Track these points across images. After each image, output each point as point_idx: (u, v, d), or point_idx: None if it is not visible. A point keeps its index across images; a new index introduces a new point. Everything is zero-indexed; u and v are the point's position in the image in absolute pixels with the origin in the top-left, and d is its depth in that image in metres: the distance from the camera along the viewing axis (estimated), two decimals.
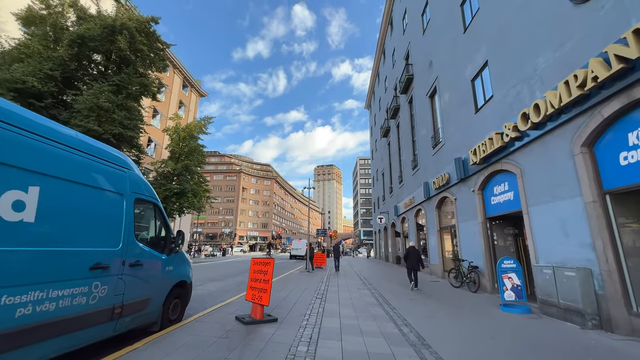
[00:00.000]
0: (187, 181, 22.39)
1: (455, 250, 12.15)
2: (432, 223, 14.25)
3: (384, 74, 28.37)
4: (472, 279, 9.52)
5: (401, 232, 21.23)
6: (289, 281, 10.89)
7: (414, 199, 17.12)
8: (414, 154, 18.16)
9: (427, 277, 13.86)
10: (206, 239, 71.45)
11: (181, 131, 23.88)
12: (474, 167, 9.78)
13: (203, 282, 10.19)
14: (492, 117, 8.92)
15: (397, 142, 22.77)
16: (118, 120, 13.03)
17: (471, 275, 9.60)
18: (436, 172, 13.59)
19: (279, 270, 15.80)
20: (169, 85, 31.72)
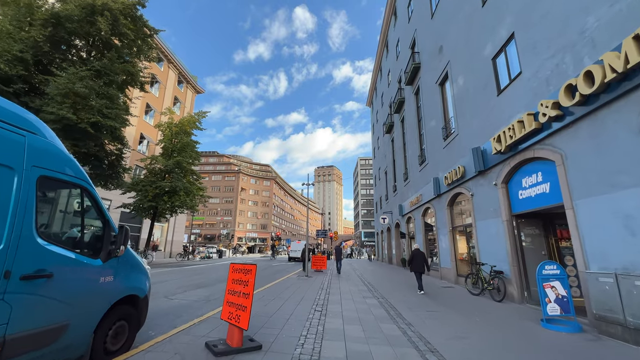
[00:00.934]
0: (179, 179, 21.14)
1: (471, 252, 10.85)
2: (443, 222, 12.96)
3: (387, 67, 27.15)
4: (496, 285, 8.22)
5: (407, 232, 19.93)
6: (284, 288, 9.58)
7: (422, 196, 15.83)
8: (420, 148, 16.88)
9: (438, 281, 12.55)
10: (205, 241, 70.16)
11: (173, 126, 22.65)
12: (497, 157, 8.50)
13: (186, 289, 8.90)
14: (520, 97, 7.65)
15: (401, 138, 21.50)
16: (96, 108, 11.75)
17: (494, 281, 8.30)
18: (448, 166, 12.31)
19: (275, 274, 14.50)
20: (163, 80, 30.55)
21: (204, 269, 16.83)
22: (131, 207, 20.38)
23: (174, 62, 32.03)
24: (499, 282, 8.15)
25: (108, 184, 14.87)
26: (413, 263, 9.69)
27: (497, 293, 8.16)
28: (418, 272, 9.61)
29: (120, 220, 23.82)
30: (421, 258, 9.67)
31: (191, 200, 21.52)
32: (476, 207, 10.03)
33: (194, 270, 15.87)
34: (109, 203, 22.84)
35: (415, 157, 17.47)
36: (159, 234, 30.40)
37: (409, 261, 9.94)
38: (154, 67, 29.21)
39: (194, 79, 36.70)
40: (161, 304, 6.68)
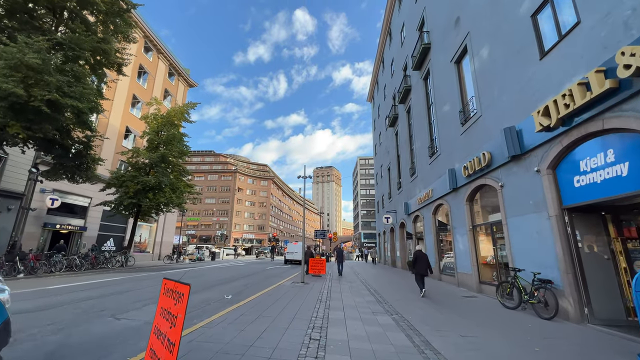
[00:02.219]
0: (165, 174, 19.31)
1: (499, 255, 9.07)
2: (461, 220, 11.19)
3: (390, 57, 25.43)
4: (541, 298, 6.44)
5: (413, 232, 18.15)
6: (273, 300, 7.77)
7: (433, 192, 14.07)
8: (431, 138, 15.13)
9: (455, 289, 10.76)
10: (200, 242, 68.16)
11: (159, 117, 20.83)
12: (540, 137, 6.75)
13: (146, 303, 7.06)
14: (578, 54, 5.90)
15: (407, 130, 19.76)
16: (54, 85, 9.92)
17: (538, 293, 6.53)
18: (467, 154, 10.56)
19: (266, 281, 12.68)
20: (151, 71, 28.73)
21: (186, 275, 14.98)
22: (111, 204, 18.54)
23: (164, 52, 30.23)
24: (546, 294, 6.37)
25: (75, 176, 13.04)
26: (417, 265, 9.27)
27: (543, 308, 6.39)
28: (421, 275, 9.20)
29: (102, 220, 22.00)
30: (425, 260, 9.24)
31: (178, 197, 19.68)
32: (507, 200, 8.26)
33: (174, 276, 14.02)
34: (88, 201, 21.02)
35: (424, 149, 15.71)
36: (146, 234, 28.50)
37: (412, 263, 9.54)
38: (142, 57, 27.46)
39: (186, 71, 34.89)
40: (100, 327, 4.87)
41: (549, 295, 6.31)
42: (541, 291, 6.50)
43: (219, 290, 9.19)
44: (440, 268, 13.78)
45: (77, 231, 20.04)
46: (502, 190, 8.47)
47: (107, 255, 17.21)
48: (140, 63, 26.98)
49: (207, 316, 5.72)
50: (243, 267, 21.20)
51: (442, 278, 13.47)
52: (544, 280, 6.54)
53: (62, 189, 19.13)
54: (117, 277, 12.25)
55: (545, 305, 6.33)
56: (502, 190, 8.45)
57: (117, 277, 12.25)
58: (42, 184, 16.32)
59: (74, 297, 7.27)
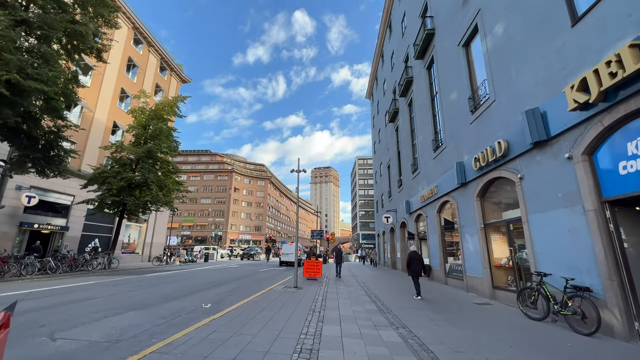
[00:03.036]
0: (151, 170, 18.15)
1: (517, 257, 8.00)
2: (471, 218, 10.13)
3: (391, 49, 24.41)
4: (577, 309, 5.38)
5: (415, 232, 17.08)
6: (257, 310, 6.66)
7: (437, 188, 13.02)
8: (435, 131, 14.09)
9: (464, 294, 9.69)
10: (195, 243, 66.83)
11: (147, 111, 19.67)
12: (572, 117, 5.70)
13: (105, 315, 5.94)
14: (625, 13, 4.86)
15: (408, 124, 18.72)
16: (15, 64, 8.78)
17: (573, 302, 5.46)
18: (478, 145, 9.51)
19: (256, 285, 11.55)
20: (142, 65, 27.56)
21: (169, 278, 13.82)
22: (94, 202, 17.35)
23: (155, 45, 29.07)
24: (583, 305, 5.31)
25: (45, 170, 11.87)
26: (411, 266, 9.28)
27: (580, 321, 5.31)
28: (416, 276, 9.19)
29: (86, 219, 20.76)
30: (420, 261, 9.33)
31: (166, 195, 18.49)
32: (528, 194, 7.20)
33: (156, 279, 12.87)
34: (71, 199, 19.81)
35: (428, 143, 14.66)
36: (136, 235, 27.29)
37: (407, 264, 9.47)
38: (132, 49, 26.30)
39: (179, 67, 33.75)
40: (20, 352, 3.74)
41: (586, 306, 5.25)
42: (576, 300, 5.43)
43: (200, 298, 8.06)
44: (446, 271, 12.71)
45: (58, 231, 18.83)
46: (521, 183, 7.41)
47: (87, 257, 16.01)
48: (129, 56, 25.81)
49: (172, 333, 4.61)
50: (235, 269, 20.04)
51: (448, 282, 12.40)
52: (579, 287, 5.47)
53: (42, 186, 17.94)
54: (90, 282, 11.09)
55: (583, 318, 5.26)
56: (522, 182, 7.39)
57: (90, 282, 11.09)
58: (16, 180, 15.13)
59: (19, 307, 6.14)
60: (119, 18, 24.20)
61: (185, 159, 79.99)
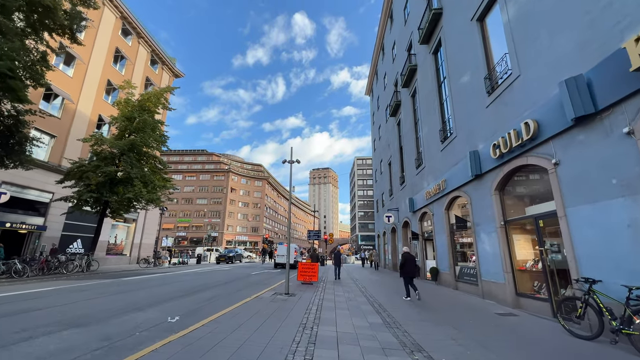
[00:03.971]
0: (135, 165, 16.83)
1: (548, 259, 6.72)
2: (487, 215, 8.86)
3: (392, 40, 23.20)
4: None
5: (420, 232, 15.80)
6: (234, 325, 5.35)
7: (446, 182, 11.76)
8: (442, 120, 12.85)
9: (479, 301, 8.40)
10: (191, 244, 65.35)
11: (132, 103, 18.37)
12: (633, 82, 4.45)
13: (52, 332, 4.63)
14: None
15: (412, 116, 17.48)
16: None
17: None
18: (497, 129, 8.26)
19: (243, 290, 10.22)
20: (130, 57, 26.24)
21: (148, 282, 12.47)
22: (72, 199, 16.02)
23: (145, 37, 27.78)
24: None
25: (4, 159, 10.52)
26: (405, 268, 9.05)
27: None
28: (409, 277, 8.94)
29: (67, 219, 19.37)
30: (413, 262, 9.16)
31: (150, 192, 17.14)
32: (566, 183, 5.93)
33: (132, 284, 11.51)
34: (50, 196, 18.44)
35: (434, 134, 13.42)
36: (123, 235, 25.90)
37: (400, 266, 9.23)
38: (119, 40, 24.97)
39: (171, 60, 32.45)
40: None
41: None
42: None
43: (171, 307, 6.75)
44: (457, 274, 11.43)
45: (34, 231, 17.45)
46: (556, 170, 6.14)
47: (61, 259, 14.64)
48: (116, 46, 24.50)
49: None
50: (225, 272, 18.70)
51: (458, 286, 11.12)
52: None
53: (18, 182, 16.61)
54: (54, 287, 9.74)
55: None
56: (557, 169, 6.12)
57: (54, 287, 9.74)
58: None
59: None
60: (105, 4, 22.98)
61: (181, 158, 78.66)
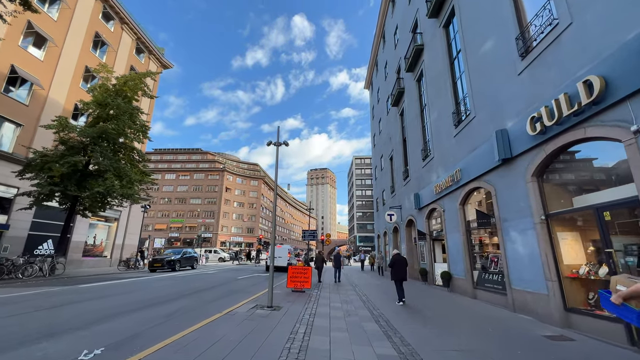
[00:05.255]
0: (107, 156, 14.98)
1: (617, 262, 4.97)
2: (520, 208, 7.11)
3: (394, 25, 21.49)
4: None
5: (427, 231, 14.05)
6: None
7: (461, 172, 10.02)
8: (456, 101, 11.13)
9: (511, 316, 6.64)
10: (183, 245, 63.25)
11: (108, 87, 16.51)
12: None
13: None
14: None
15: (417, 103, 15.75)
16: None
17: None
18: (536, 98, 6.55)
19: (217, 303, 8.39)
20: (113, 43, 24.34)
21: (109, 289, 10.60)
22: (31, 194, 14.13)
23: (129, 24, 25.91)
24: None
25: None
26: (394, 270, 8.67)
27: None
28: (400, 281, 8.56)
29: (36, 217, 17.44)
30: (404, 264, 8.76)
31: (124, 186, 15.25)
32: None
33: (86, 292, 9.61)
34: (14, 191, 16.51)
35: (446, 118, 11.70)
36: (103, 235, 23.95)
37: (390, 266, 8.87)
38: (99, 24, 23.07)
39: (159, 50, 30.58)
40: None
41: None
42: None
43: (106, 330, 4.93)
44: (475, 280, 9.67)
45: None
46: (638, 141, 4.41)
47: (17, 262, 12.73)
48: (96, 30, 22.61)
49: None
50: (209, 276, 16.85)
51: (477, 295, 9.36)
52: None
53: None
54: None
55: None
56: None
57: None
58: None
59: None
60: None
61: (175, 157, 76.59)
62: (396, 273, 8.57)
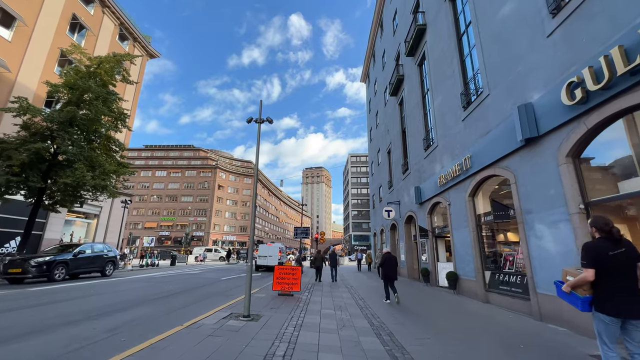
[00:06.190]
0: (78, 144, 13.52)
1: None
2: (551, 196, 5.92)
3: (393, 10, 20.25)
4: None
5: (429, 228, 12.86)
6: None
7: (471, 160, 8.81)
8: (465, 82, 9.93)
9: (539, 327, 5.43)
10: (174, 244, 61.49)
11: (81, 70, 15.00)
12: None
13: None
14: None
15: (418, 89, 14.53)
16: None
17: None
18: (574, 60, 5.34)
19: (186, 310, 7.04)
20: (93, 28, 22.73)
21: (61, 294, 9.21)
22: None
23: (111, 7, 24.26)
24: None
25: None
26: (384, 269, 8.36)
27: None
28: (391, 280, 8.32)
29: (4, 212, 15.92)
30: (394, 264, 8.42)
31: (96, 178, 13.75)
32: None
33: (29, 297, 8.26)
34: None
35: (453, 101, 10.50)
36: (82, 233, 22.39)
37: (380, 265, 8.59)
38: (78, 5, 21.44)
39: (145, 38, 28.99)
40: None
41: None
42: None
43: (11, 355, 3.59)
44: (487, 283, 8.48)
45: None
46: None
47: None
48: (73, 13, 20.98)
49: None
50: (192, 276, 15.48)
51: (490, 299, 8.17)
52: None
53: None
54: None
55: None
56: None
57: None
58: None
59: None
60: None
61: (166, 154, 74.65)
62: (386, 272, 8.38)
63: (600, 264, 2.63)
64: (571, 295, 2.80)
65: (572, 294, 2.79)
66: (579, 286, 2.72)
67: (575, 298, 2.77)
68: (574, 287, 2.76)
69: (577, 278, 2.72)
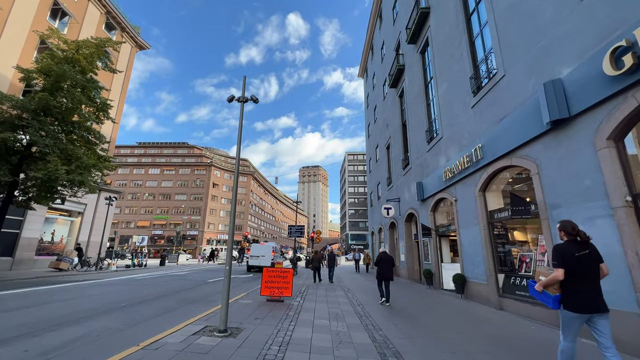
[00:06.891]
0: (52, 135, 12.42)
1: None
2: (586, 188, 5.01)
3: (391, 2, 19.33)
4: None
5: (432, 226, 11.95)
6: None
7: (482, 150, 7.90)
8: (475, 65, 9.01)
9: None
10: (167, 244, 60.19)
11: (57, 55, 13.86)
12: None
13: None
14: None
15: (421, 78, 13.60)
16: None
17: None
18: (618, 25, 4.41)
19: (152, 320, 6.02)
20: (77, 15, 21.51)
21: (13, 303, 8.15)
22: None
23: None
24: None
25: None
26: (380, 269, 8.13)
27: None
28: (386, 280, 8.06)
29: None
30: (391, 264, 8.20)
31: (72, 172, 12.63)
32: None
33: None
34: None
35: (461, 86, 9.58)
36: (64, 232, 21.19)
37: (375, 264, 8.50)
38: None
39: (134, 29, 27.81)
40: None
41: None
42: None
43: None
44: (500, 287, 7.57)
45: None
46: None
47: None
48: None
49: None
50: (178, 278, 14.46)
51: (504, 305, 7.27)
52: None
53: None
54: None
55: None
56: None
57: None
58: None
59: None
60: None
61: (160, 151, 73.19)
62: (381, 272, 8.13)
63: (567, 264, 2.81)
64: (543, 294, 2.94)
65: (544, 293, 2.93)
66: (550, 285, 2.86)
67: (547, 296, 2.91)
68: (546, 286, 2.89)
69: (548, 278, 2.86)
